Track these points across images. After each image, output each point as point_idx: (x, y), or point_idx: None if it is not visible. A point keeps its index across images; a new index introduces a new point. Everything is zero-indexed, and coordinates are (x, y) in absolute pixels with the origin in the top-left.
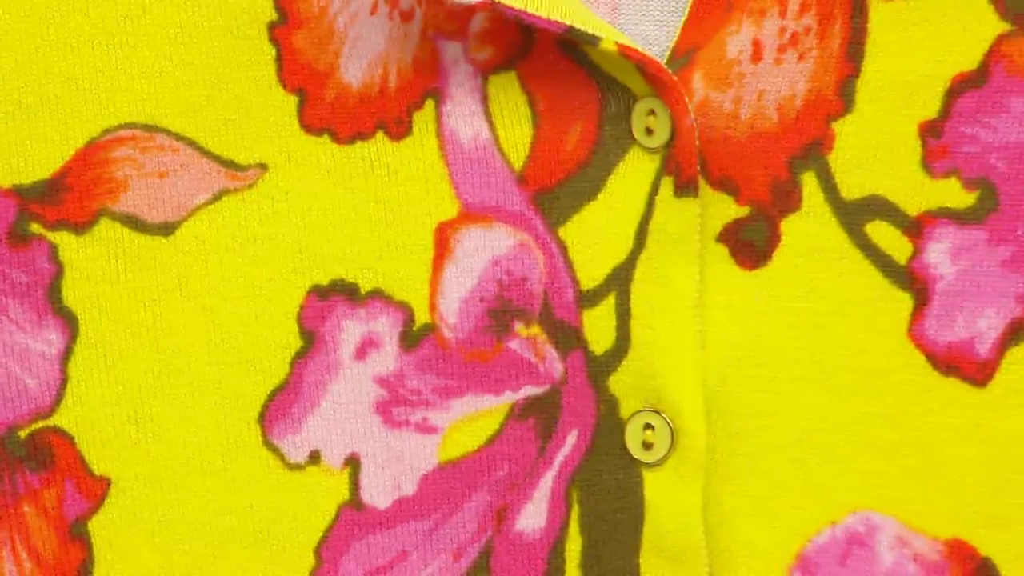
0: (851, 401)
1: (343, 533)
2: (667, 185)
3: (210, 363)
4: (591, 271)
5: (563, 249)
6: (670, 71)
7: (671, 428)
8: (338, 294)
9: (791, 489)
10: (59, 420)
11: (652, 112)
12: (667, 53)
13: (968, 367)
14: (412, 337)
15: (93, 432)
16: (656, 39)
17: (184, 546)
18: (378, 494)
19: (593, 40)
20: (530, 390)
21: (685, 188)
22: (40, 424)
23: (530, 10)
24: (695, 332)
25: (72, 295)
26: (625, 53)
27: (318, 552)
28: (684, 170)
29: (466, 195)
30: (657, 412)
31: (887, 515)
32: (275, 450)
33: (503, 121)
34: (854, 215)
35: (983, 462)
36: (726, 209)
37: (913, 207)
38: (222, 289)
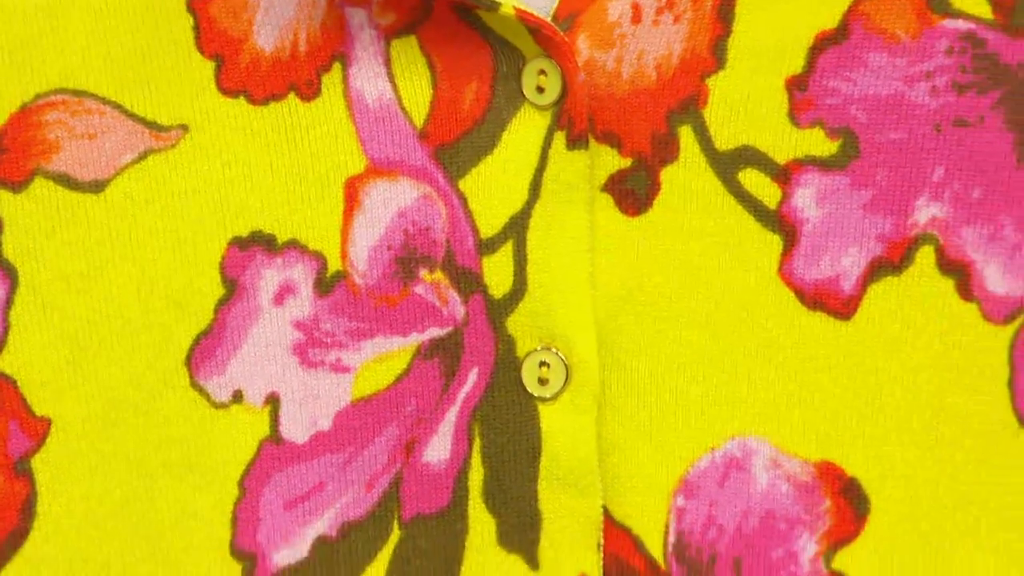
0: (728, 336)
1: (264, 466)
2: (560, 139)
3: (140, 310)
4: (490, 220)
5: (463, 200)
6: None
7: (565, 365)
8: (257, 245)
9: (675, 418)
10: (2, 365)
11: (543, 72)
12: (549, 18)
13: (833, 302)
14: (325, 284)
15: (33, 375)
16: (537, 5)
17: (119, 479)
18: (296, 430)
19: (493, 5)
20: (434, 332)
21: (577, 141)
22: None
23: None
24: (586, 275)
25: (11, 249)
26: (523, 17)
27: (242, 483)
28: (576, 125)
29: (372, 151)
30: (551, 350)
31: (762, 440)
32: (201, 390)
33: (405, 82)
34: (727, 164)
35: (848, 389)
36: (610, 161)
37: (781, 155)
38: (149, 241)
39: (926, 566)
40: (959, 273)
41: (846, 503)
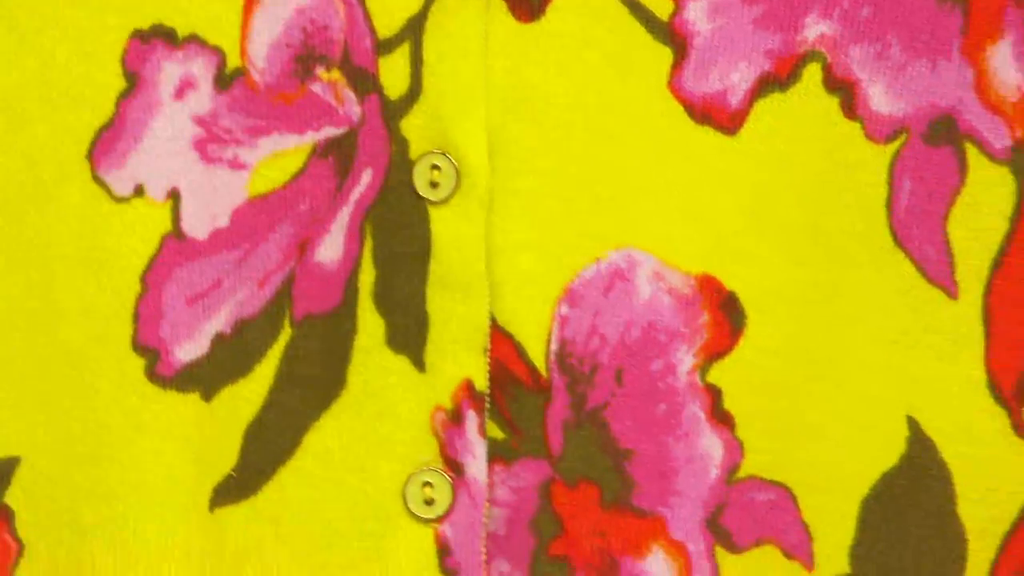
0: (616, 146)
1: (166, 261)
2: None
3: (42, 101)
4: (387, 21)
5: (361, 0)
6: None
7: (456, 169)
8: (158, 38)
9: (562, 227)
10: None
11: None
12: None
13: (720, 117)
14: (225, 79)
15: None
16: None
17: (20, 273)
18: (196, 225)
19: None
20: (330, 131)
21: None
22: None
23: None
24: (480, 80)
25: None
26: None
27: (143, 279)
28: None
29: None
30: (444, 154)
31: (646, 252)
32: (102, 183)
33: None
34: None
35: (731, 204)
36: None
37: None
38: (51, 32)
39: (799, 382)
40: (844, 91)
41: (724, 317)
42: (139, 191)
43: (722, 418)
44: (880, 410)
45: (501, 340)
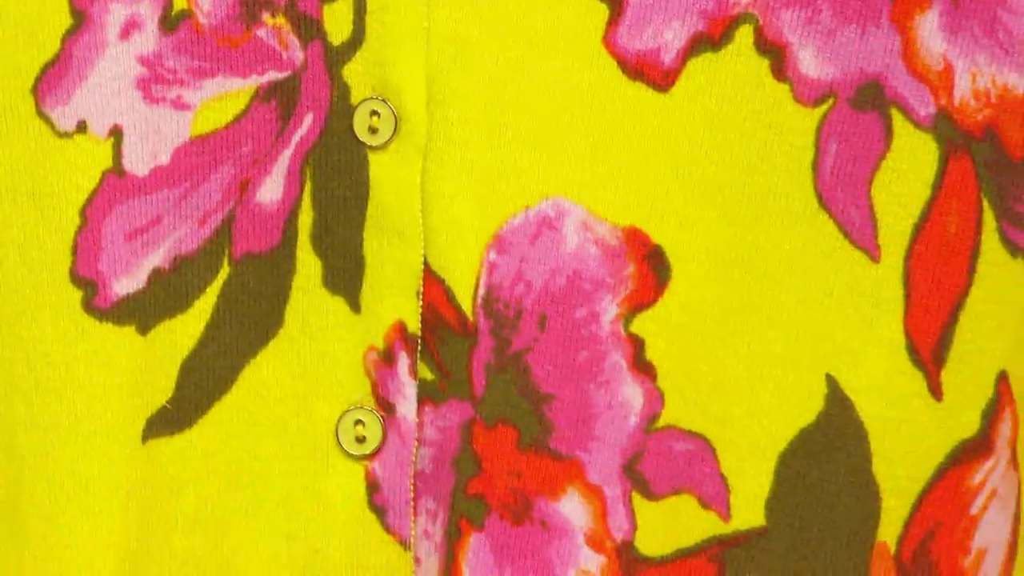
0: (550, 99)
1: (106, 197)
2: None
3: None
4: None
5: None
6: None
7: (395, 115)
8: None
9: (493, 175)
10: None
11: None
12: None
13: (653, 74)
14: (171, 21)
15: None
16: None
17: None
18: (137, 163)
19: None
20: (273, 75)
21: None
22: None
23: None
24: (421, 29)
25: None
26: None
27: (83, 212)
28: None
29: None
30: (383, 100)
31: (575, 203)
32: (46, 119)
33: None
34: None
35: (661, 160)
36: None
37: None
38: None
39: (720, 337)
40: (775, 54)
41: (649, 269)
42: (82, 127)
43: (643, 368)
44: (800, 368)
45: (433, 284)
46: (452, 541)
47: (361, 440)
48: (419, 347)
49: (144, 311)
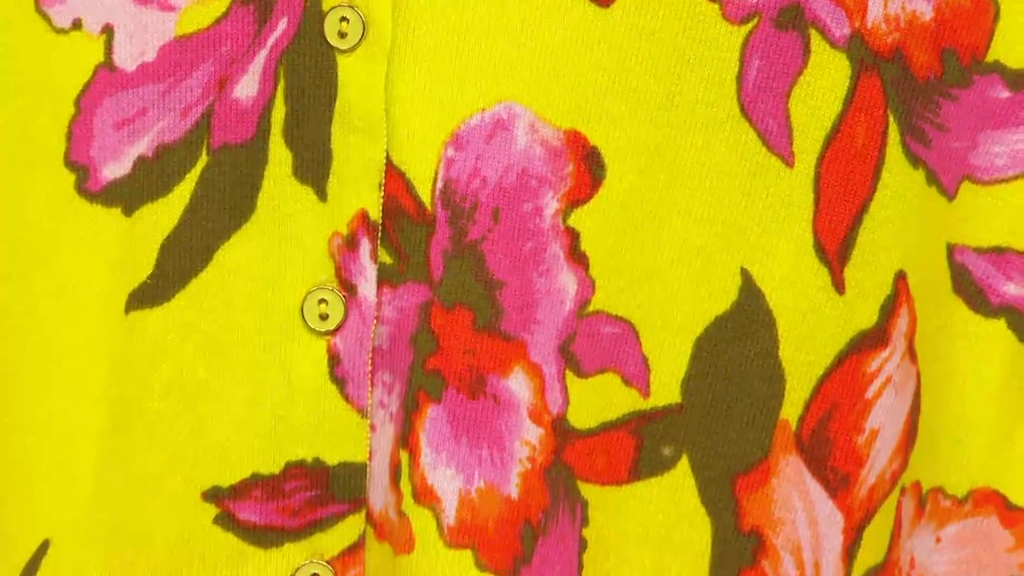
0: (503, 10)
1: (98, 89)
2: None
3: None
4: None
5: None
6: None
7: (363, 21)
8: None
9: (453, 79)
10: None
11: None
12: None
13: None
14: None
15: None
16: None
17: None
18: (127, 58)
19: None
20: None
21: None
22: None
23: None
24: None
25: None
26: None
27: (77, 103)
28: None
29: None
30: (352, 7)
31: (525, 106)
32: (45, 16)
33: None
34: None
35: (600, 70)
36: None
37: None
38: None
39: (647, 231)
40: None
41: (586, 168)
42: (77, 24)
43: (578, 258)
44: (717, 261)
45: (394, 177)
46: (410, 412)
47: (324, 317)
48: (380, 234)
49: (129, 195)
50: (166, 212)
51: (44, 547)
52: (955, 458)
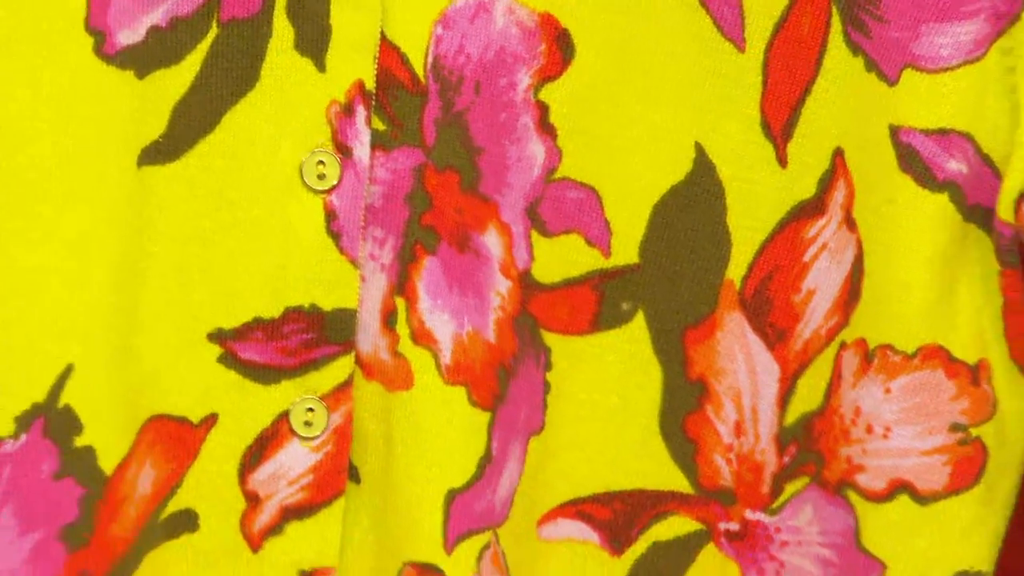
0: None
1: None
2: None
3: None
4: None
5: None
6: None
7: None
8: None
9: None
10: None
11: None
12: None
13: None
14: None
15: None
16: None
17: None
18: None
19: None
20: None
21: None
22: None
23: None
24: None
25: None
26: None
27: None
28: None
29: None
30: None
31: None
32: None
33: None
34: None
35: None
36: None
37: None
38: None
39: (610, 107)
40: None
41: (557, 48)
42: None
43: (547, 129)
44: (674, 136)
45: (389, 50)
46: (407, 263)
47: (322, 177)
48: (374, 102)
49: (142, 60)
50: (177, 78)
51: (68, 370)
52: (903, 317)
